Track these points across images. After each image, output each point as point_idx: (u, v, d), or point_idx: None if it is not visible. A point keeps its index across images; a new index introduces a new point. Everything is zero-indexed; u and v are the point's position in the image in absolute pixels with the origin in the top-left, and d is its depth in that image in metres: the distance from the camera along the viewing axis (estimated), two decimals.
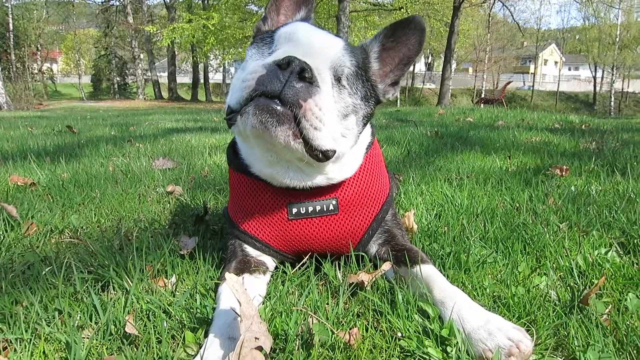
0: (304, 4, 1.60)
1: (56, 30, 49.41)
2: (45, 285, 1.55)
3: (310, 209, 1.50)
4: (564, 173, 3.22)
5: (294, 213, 1.51)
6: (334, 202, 1.51)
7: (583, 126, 8.24)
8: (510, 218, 2.15)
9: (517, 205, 2.41)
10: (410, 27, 1.47)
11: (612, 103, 45.77)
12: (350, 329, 1.14)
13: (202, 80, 45.19)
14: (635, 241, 1.86)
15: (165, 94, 43.06)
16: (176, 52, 40.54)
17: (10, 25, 37.10)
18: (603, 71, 51.78)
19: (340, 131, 1.36)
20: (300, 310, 1.22)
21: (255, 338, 0.98)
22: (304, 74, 1.22)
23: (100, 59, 47.83)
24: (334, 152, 1.34)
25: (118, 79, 47.19)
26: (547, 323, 1.21)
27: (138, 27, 38.18)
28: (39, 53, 44.16)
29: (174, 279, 1.60)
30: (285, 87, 1.20)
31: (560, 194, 2.57)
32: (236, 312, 1.13)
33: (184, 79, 56.16)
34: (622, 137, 6.13)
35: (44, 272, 1.63)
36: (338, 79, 1.37)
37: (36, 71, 43.56)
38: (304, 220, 1.52)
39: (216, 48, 25.68)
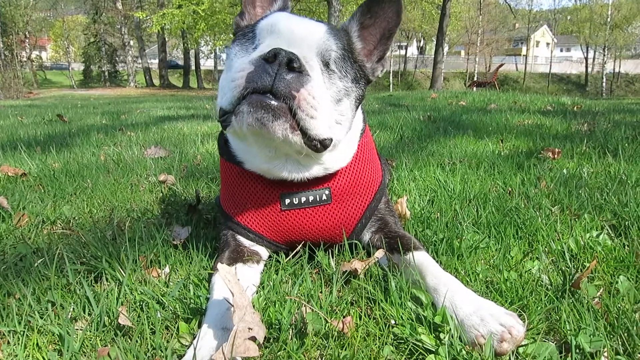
0: None
1: (44, 17, 48.58)
2: (38, 276, 1.54)
3: (304, 199, 1.50)
4: (556, 156, 3.23)
5: (287, 204, 1.50)
6: (327, 192, 1.51)
7: (575, 108, 8.26)
8: (502, 202, 2.16)
9: (510, 189, 2.42)
10: (385, 1, 1.45)
11: (604, 84, 45.88)
12: (343, 317, 1.15)
13: (193, 67, 44.75)
14: (626, 223, 1.88)
15: (156, 81, 42.66)
16: (166, 39, 40.05)
17: None
18: (595, 52, 51.76)
19: (335, 118, 1.35)
20: (294, 299, 1.22)
21: (249, 328, 0.98)
22: (292, 64, 1.20)
23: (90, 46, 47.18)
24: (331, 140, 1.34)
25: (108, 66, 46.64)
26: (539, 308, 1.22)
27: (127, 13, 37.63)
28: (27, 40, 43.51)
29: (167, 270, 1.60)
30: (275, 80, 1.19)
31: (552, 177, 2.58)
32: (229, 303, 1.13)
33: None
34: (613, 118, 6.15)
35: (36, 264, 1.62)
36: (327, 64, 1.36)
37: (25, 59, 42.97)
38: (297, 211, 1.51)
39: (207, 34, 25.38)
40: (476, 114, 6.64)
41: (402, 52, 55.99)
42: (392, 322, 1.20)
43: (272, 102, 1.20)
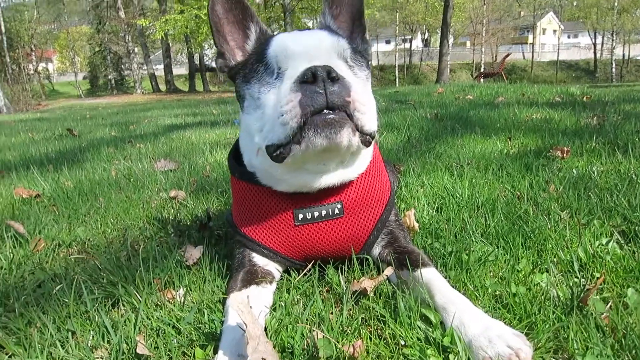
0: (246, 21, 1.57)
1: (49, 30, 49.17)
2: (57, 304, 1.59)
3: (316, 214, 1.53)
4: (565, 155, 3.22)
5: (300, 219, 1.53)
6: (339, 205, 1.54)
7: (584, 98, 8.19)
8: (511, 209, 2.17)
9: (519, 193, 2.43)
10: None
11: (614, 69, 45.30)
12: (354, 342, 1.17)
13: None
14: (636, 228, 1.88)
15: (162, 87, 42.91)
16: (170, 44, 40.25)
17: (2, 27, 36.82)
18: (603, 37, 51.10)
19: (372, 102, 1.41)
20: (305, 326, 1.25)
21: (262, 359, 1.01)
22: (332, 74, 1.26)
23: (95, 55, 47.60)
24: (375, 131, 1.39)
25: (114, 74, 47.01)
26: (547, 326, 1.23)
27: (130, 22, 37.90)
28: (33, 54, 44.02)
29: (181, 291, 1.64)
30: (328, 95, 1.25)
31: (561, 180, 2.57)
32: (243, 330, 1.16)
33: (180, 69, 55.89)
34: (623, 109, 6.10)
35: (54, 291, 1.67)
36: (346, 61, 1.44)
37: (32, 72, 43.46)
38: (310, 226, 1.54)
39: (210, 37, 25.45)
40: (484, 109, 6.62)
41: (407, 45, 55.77)
42: (402, 342, 1.22)
43: (334, 116, 1.26)
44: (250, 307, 1.15)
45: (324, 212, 1.52)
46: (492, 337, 1.14)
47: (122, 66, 46.99)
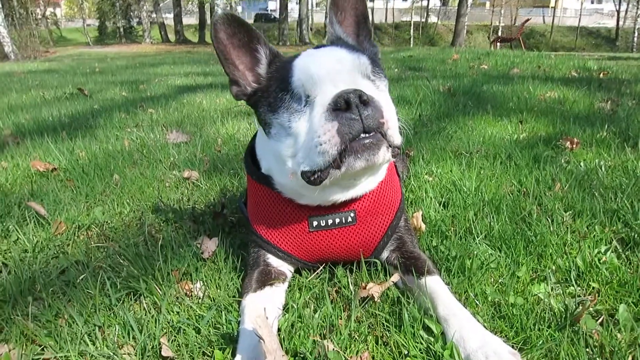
0: (252, 43, 1.55)
1: None
2: (82, 295, 1.69)
3: (330, 221, 1.60)
4: (574, 146, 3.25)
5: (314, 226, 1.61)
6: (352, 214, 1.61)
7: (601, 74, 8.06)
8: (516, 209, 2.23)
9: (524, 190, 2.48)
10: None
11: (635, 38, 43.81)
12: (361, 353, 1.27)
13: (209, 22, 44.03)
14: (636, 236, 1.94)
15: (172, 37, 42.27)
16: None
17: None
18: (628, 4, 49.14)
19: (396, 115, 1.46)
20: (316, 337, 1.34)
21: None
22: (363, 98, 1.30)
23: (104, 1, 46.65)
24: (401, 143, 1.44)
25: (123, 22, 46.24)
26: (540, 342, 1.32)
27: None
28: None
29: (198, 285, 1.74)
30: (363, 121, 1.30)
31: (568, 176, 2.62)
32: (260, 338, 1.25)
33: (190, 19, 54.81)
34: None
35: (78, 280, 1.78)
36: (369, 78, 1.48)
37: (40, 16, 42.79)
38: (324, 232, 1.62)
39: None
40: (497, 84, 6.56)
41: (424, 2, 54.14)
42: (405, 352, 1.32)
43: (371, 140, 1.32)
44: (266, 318, 1.24)
45: (337, 220, 1.59)
46: (489, 353, 1.23)
47: (131, 14, 46.14)
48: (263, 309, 1.38)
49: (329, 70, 1.39)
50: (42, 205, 2.41)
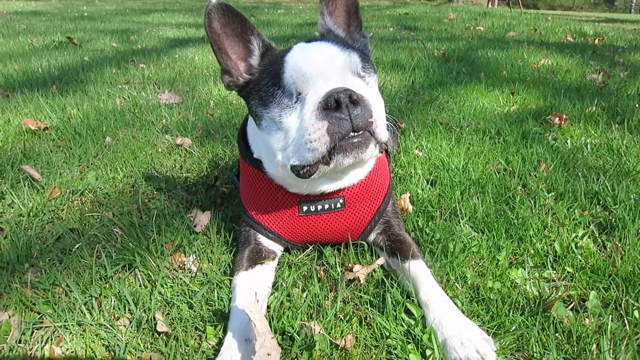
0: (246, 34, 1.55)
1: None
2: (78, 263, 1.75)
3: (320, 207, 1.65)
4: (562, 122, 3.29)
5: (304, 210, 1.66)
6: (341, 200, 1.66)
7: (596, 40, 8.02)
8: (501, 189, 2.30)
9: (511, 169, 2.54)
10: None
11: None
12: (346, 336, 1.35)
13: None
14: (613, 220, 2.03)
15: None
16: None
17: None
18: None
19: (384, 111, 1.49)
20: (304, 318, 1.42)
21: (268, 354, 1.19)
22: (353, 97, 1.32)
23: None
24: (388, 137, 1.48)
25: None
26: (513, 328, 1.41)
27: None
28: None
29: (191, 258, 1.80)
30: (352, 120, 1.32)
31: (553, 157, 2.68)
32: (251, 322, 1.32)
33: None
34: (633, 61, 6.03)
35: (74, 249, 1.83)
36: (359, 75, 1.49)
37: None
38: (313, 216, 1.67)
39: None
40: (492, 48, 6.51)
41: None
42: (387, 334, 1.41)
43: (360, 139, 1.36)
44: (257, 302, 1.31)
45: (327, 206, 1.64)
46: (464, 339, 1.32)
47: None
48: (254, 293, 1.45)
49: (320, 67, 1.40)
50: (35, 169, 2.43)
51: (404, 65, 5.29)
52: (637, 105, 3.76)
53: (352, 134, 1.34)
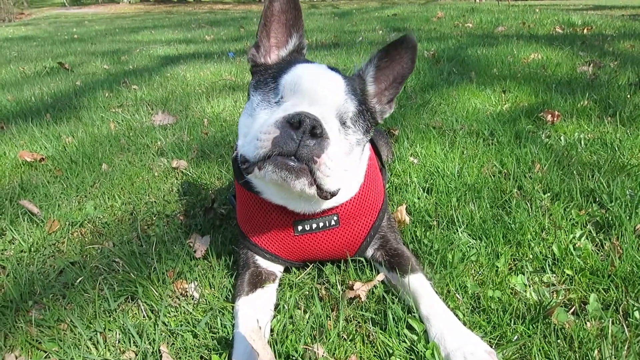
0: (294, 29, 1.62)
1: None
2: (81, 297, 1.76)
3: (314, 225, 1.67)
4: (555, 119, 3.31)
5: (299, 230, 1.67)
6: (335, 217, 1.67)
7: (585, 30, 8.05)
8: (497, 192, 2.31)
9: (505, 171, 2.56)
10: (403, 46, 1.54)
11: None
12: (349, 357, 1.36)
13: None
14: (610, 219, 2.04)
15: None
16: None
17: None
18: None
19: (345, 168, 1.49)
20: (307, 341, 1.43)
21: None
22: (315, 130, 1.32)
23: None
24: (338, 190, 1.48)
25: None
26: (515, 338, 1.42)
27: None
28: None
29: (193, 285, 1.81)
30: (300, 146, 1.32)
31: (547, 156, 2.69)
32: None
33: None
34: (622, 49, 6.05)
35: (77, 282, 1.84)
36: (343, 123, 1.49)
37: None
38: (309, 235, 1.69)
39: None
40: (482, 45, 6.54)
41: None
42: (391, 351, 1.42)
43: (295, 164, 1.34)
44: (260, 329, 1.32)
45: (321, 224, 1.66)
46: (467, 353, 1.33)
47: None
48: (256, 320, 1.46)
49: (315, 90, 1.42)
50: (34, 203, 2.44)
51: None
52: (628, 96, 3.78)
53: (293, 157, 1.34)
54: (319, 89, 1.43)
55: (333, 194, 1.46)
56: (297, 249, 1.72)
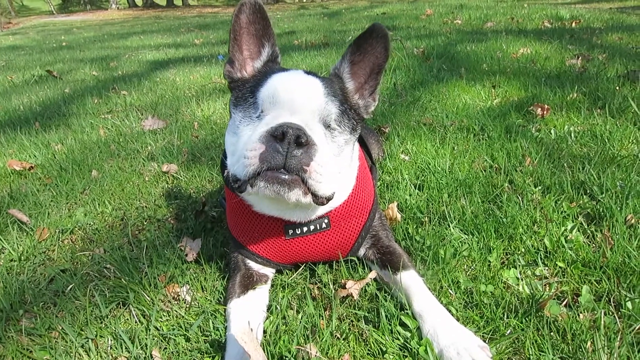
0: (265, 38, 1.59)
1: None
2: (72, 305, 1.75)
3: (305, 229, 1.65)
4: (544, 113, 3.32)
5: (290, 234, 1.66)
6: (326, 220, 1.66)
7: (573, 23, 8.09)
8: (488, 187, 2.31)
9: (496, 166, 2.56)
10: (373, 37, 1.51)
11: None
12: (343, 356, 1.36)
13: None
14: (601, 210, 2.04)
15: (139, 1, 40.70)
16: None
17: None
18: None
19: (337, 170, 1.48)
20: (300, 342, 1.43)
21: None
22: (300, 140, 1.31)
23: None
24: (334, 193, 1.47)
25: None
26: (508, 332, 1.42)
27: None
28: None
29: (185, 289, 1.80)
30: (287, 158, 1.31)
31: (538, 150, 2.70)
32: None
33: None
34: (610, 42, 6.09)
35: (68, 289, 1.83)
36: (327, 126, 1.47)
37: None
38: (300, 239, 1.68)
39: None
40: (471, 42, 6.56)
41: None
42: (384, 349, 1.41)
43: (286, 177, 1.33)
44: (251, 331, 1.31)
45: (312, 227, 1.65)
46: (460, 349, 1.32)
47: None
48: (248, 322, 1.45)
49: (292, 99, 1.41)
50: (23, 212, 2.42)
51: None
52: (617, 88, 3.80)
53: (282, 170, 1.33)
54: (297, 97, 1.41)
55: (329, 199, 1.46)
56: (289, 253, 1.71)
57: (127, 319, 1.68)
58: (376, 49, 1.54)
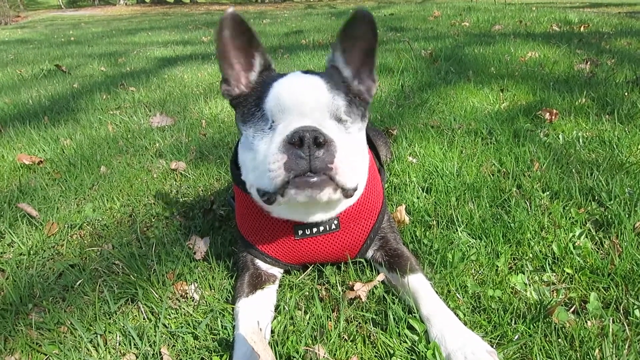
0: (253, 49, 1.57)
1: None
2: (81, 300, 1.76)
3: (315, 230, 1.66)
4: (553, 117, 3.31)
5: (299, 234, 1.67)
6: (335, 221, 1.67)
7: (582, 28, 8.06)
8: (496, 191, 2.31)
9: (504, 170, 2.56)
10: (357, 22, 1.51)
11: None
12: (351, 357, 1.36)
13: None
14: (609, 217, 2.04)
15: None
16: None
17: None
18: None
19: (357, 159, 1.50)
20: (308, 342, 1.43)
21: None
22: (318, 140, 1.32)
23: None
24: (357, 183, 1.49)
25: None
26: (516, 337, 1.42)
27: None
28: None
29: (193, 287, 1.81)
30: (311, 161, 1.32)
31: (546, 155, 2.69)
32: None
33: None
34: (619, 47, 6.06)
35: (76, 285, 1.84)
36: (339, 119, 1.48)
37: None
38: (309, 239, 1.68)
39: None
40: (479, 44, 6.54)
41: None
42: (392, 352, 1.42)
43: (315, 179, 1.35)
44: (260, 330, 1.32)
45: (322, 228, 1.65)
46: (467, 353, 1.33)
47: None
48: (256, 321, 1.46)
49: (300, 102, 1.41)
50: (32, 206, 2.44)
51: (392, 68, 5.31)
52: (626, 94, 3.79)
53: (309, 173, 1.34)
54: (303, 99, 1.42)
55: (355, 189, 1.47)
56: (298, 253, 1.72)
57: (136, 316, 1.69)
58: (365, 34, 1.53)
